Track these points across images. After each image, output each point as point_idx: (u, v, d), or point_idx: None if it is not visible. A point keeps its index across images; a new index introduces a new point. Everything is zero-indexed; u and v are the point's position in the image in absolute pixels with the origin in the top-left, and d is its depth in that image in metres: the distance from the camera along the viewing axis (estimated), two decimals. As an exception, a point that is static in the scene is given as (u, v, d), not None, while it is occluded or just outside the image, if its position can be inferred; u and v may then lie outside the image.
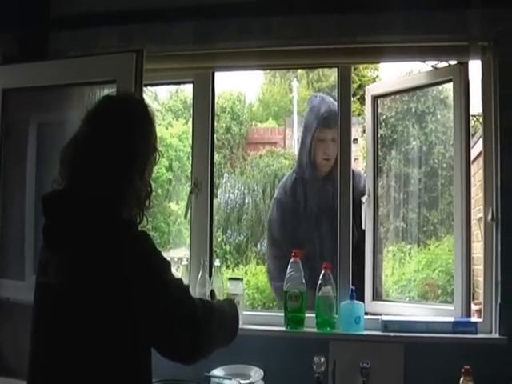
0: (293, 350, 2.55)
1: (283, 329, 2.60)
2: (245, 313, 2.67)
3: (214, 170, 2.92)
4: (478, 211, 3.15)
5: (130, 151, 1.65)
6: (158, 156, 1.74)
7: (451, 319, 2.51)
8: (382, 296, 2.97)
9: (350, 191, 2.71)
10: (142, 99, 2.02)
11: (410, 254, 3.34)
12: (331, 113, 3.23)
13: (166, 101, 9.46)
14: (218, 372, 2.48)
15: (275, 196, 3.53)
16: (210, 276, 2.73)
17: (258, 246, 7.77)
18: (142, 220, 1.69)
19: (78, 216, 1.58)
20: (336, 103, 2.90)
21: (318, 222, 3.21)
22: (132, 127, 1.68)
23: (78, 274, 1.54)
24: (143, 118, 1.73)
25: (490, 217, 2.48)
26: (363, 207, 2.93)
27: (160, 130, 6.84)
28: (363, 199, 2.94)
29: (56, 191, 1.66)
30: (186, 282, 1.72)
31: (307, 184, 3.30)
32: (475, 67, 2.62)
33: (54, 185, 1.67)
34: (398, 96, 3.16)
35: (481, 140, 2.63)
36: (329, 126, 3.20)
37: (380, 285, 3.01)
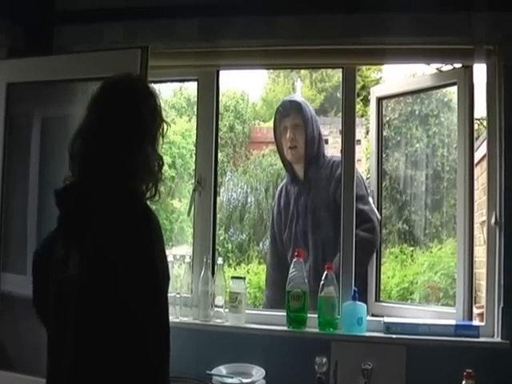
0: (295, 349, 2.55)
1: (285, 328, 2.60)
2: (247, 312, 2.68)
3: (218, 168, 2.92)
4: (480, 215, 3.15)
5: (139, 124, 1.68)
6: (165, 127, 1.77)
7: (453, 322, 2.51)
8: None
9: (354, 192, 2.69)
10: (141, 76, 2.12)
11: (412, 256, 3.34)
12: (285, 102, 3.25)
13: (170, 98, 9.45)
14: (219, 370, 2.48)
15: None
16: (213, 274, 2.74)
17: (260, 245, 7.76)
18: (156, 194, 1.71)
19: (96, 205, 1.58)
20: (297, 97, 2.87)
21: (291, 226, 3.17)
22: (138, 101, 1.70)
23: (101, 262, 1.53)
24: (147, 92, 1.76)
25: (493, 220, 2.47)
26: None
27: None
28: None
29: (68, 184, 1.66)
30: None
31: (287, 187, 3.27)
32: (480, 70, 2.61)
33: (67, 182, 1.67)
34: (402, 98, 3.16)
35: (484, 143, 2.62)
36: (286, 115, 3.18)
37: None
